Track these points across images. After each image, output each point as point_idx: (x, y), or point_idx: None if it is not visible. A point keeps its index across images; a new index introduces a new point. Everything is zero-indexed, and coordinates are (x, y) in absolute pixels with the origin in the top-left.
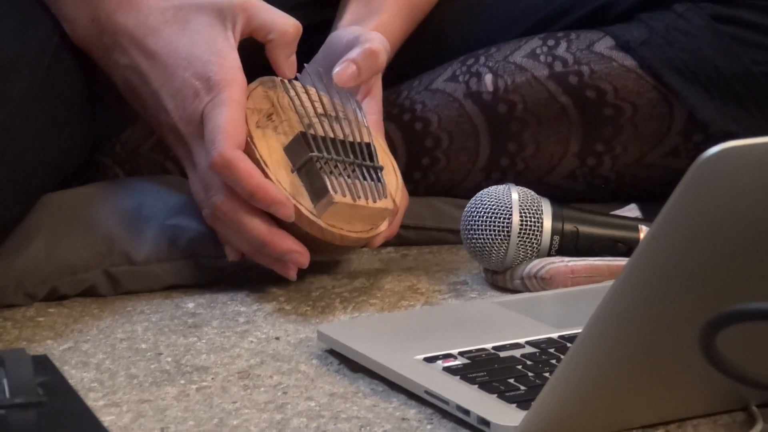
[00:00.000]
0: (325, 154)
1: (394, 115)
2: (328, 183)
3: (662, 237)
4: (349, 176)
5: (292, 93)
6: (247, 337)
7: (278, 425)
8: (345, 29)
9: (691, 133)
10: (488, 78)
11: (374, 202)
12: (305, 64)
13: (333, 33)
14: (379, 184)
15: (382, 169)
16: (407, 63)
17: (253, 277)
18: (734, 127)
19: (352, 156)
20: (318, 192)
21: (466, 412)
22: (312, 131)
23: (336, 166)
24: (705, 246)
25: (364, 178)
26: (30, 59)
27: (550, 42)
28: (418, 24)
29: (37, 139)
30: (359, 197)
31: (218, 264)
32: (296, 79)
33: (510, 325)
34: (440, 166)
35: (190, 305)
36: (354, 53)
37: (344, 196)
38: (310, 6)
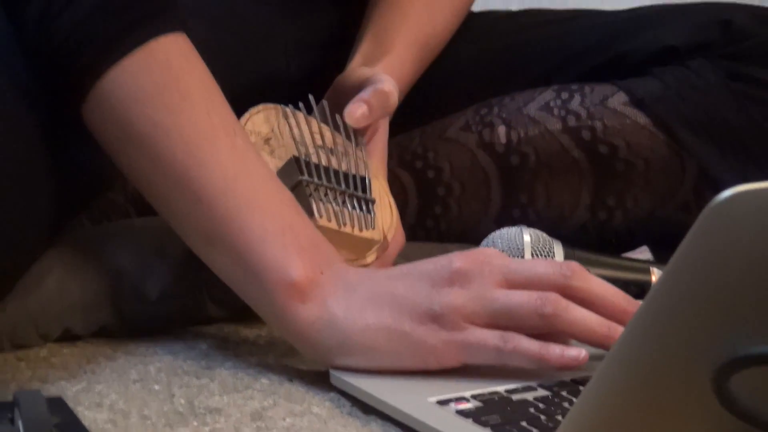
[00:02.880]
0: (315, 179)
1: (406, 162)
2: (314, 207)
3: (675, 280)
4: (338, 204)
5: (293, 121)
6: (259, 378)
7: None
8: (355, 70)
9: (703, 189)
10: (501, 129)
11: (360, 230)
12: (309, 95)
13: (343, 73)
14: (369, 215)
15: (373, 201)
16: (418, 105)
17: None
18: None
19: (344, 185)
20: None
21: None
22: (306, 157)
23: (326, 193)
24: (718, 289)
25: (354, 208)
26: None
27: (564, 95)
28: (430, 65)
29: (50, 180)
30: (345, 224)
31: (230, 301)
32: (299, 109)
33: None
34: (452, 215)
35: (203, 346)
36: (366, 93)
37: (329, 221)
38: (321, 46)
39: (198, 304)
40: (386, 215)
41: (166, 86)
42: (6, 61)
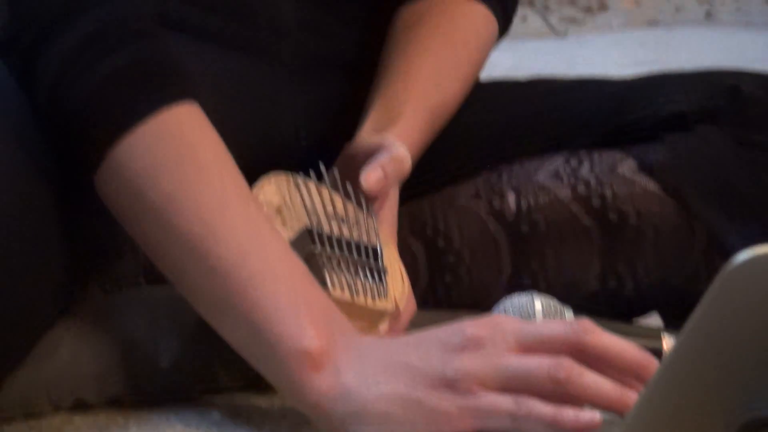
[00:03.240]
0: (328, 250)
1: (416, 230)
2: (328, 278)
3: (692, 341)
4: (350, 274)
5: (304, 191)
6: None
7: None
8: (366, 137)
9: (713, 257)
10: (511, 197)
11: (373, 301)
12: (320, 163)
13: (353, 140)
14: (381, 285)
15: (386, 271)
16: (428, 174)
17: None
18: None
19: (356, 255)
20: None
21: None
22: (318, 228)
23: (339, 264)
24: (736, 350)
25: (366, 278)
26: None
27: (573, 162)
28: (439, 134)
29: (61, 251)
30: (358, 295)
31: (243, 369)
32: (310, 178)
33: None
34: (463, 283)
35: (216, 415)
36: (382, 159)
37: (342, 292)
38: (331, 116)
39: (210, 372)
40: (398, 284)
41: (180, 157)
42: (18, 130)
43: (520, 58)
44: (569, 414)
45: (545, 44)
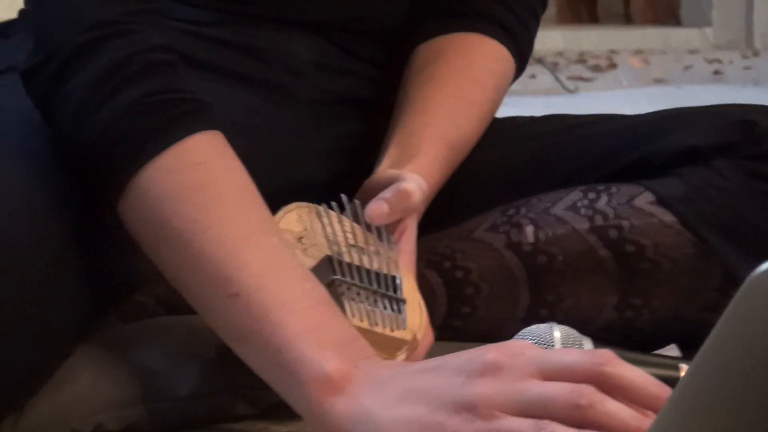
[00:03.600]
0: (348, 279)
1: (434, 262)
2: (347, 306)
3: (714, 356)
4: (369, 303)
5: (326, 221)
6: None
7: None
8: (383, 171)
9: (728, 289)
10: (529, 229)
11: (391, 331)
12: (342, 195)
13: (372, 175)
14: (400, 315)
15: (404, 302)
16: (445, 210)
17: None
18: None
19: (375, 285)
20: None
21: None
22: (339, 257)
23: (358, 293)
24: (757, 368)
25: (385, 308)
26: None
27: (591, 195)
28: (456, 170)
29: (80, 280)
30: (376, 324)
31: (260, 399)
32: (332, 208)
33: None
34: (480, 315)
35: None
36: (387, 193)
37: (361, 320)
38: (349, 152)
39: (227, 402)
40: (416, 315)
41: (203, 184)
42: (38, 161)
43: (531, 113)
44: None
45: (555, 100)
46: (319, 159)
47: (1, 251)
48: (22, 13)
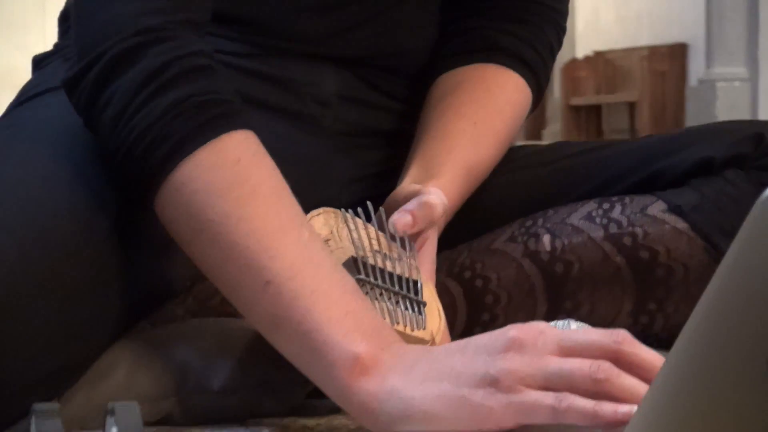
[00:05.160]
0: (371, 279)
1: (455, 273)
2: None
3: (731, 272)
4: (392, 303)
5: (351, 226)
6: None
7: None
8: (407, 186)
9: None
10: (546, 238)
11: (412, 330)
12: (368, 202)
13: (394, 191)
14: (420, 316)
15: (425, 304)
16: (464, 232)
17: (327, 407)
18: None
19: (397, 287)
20: None
21: None
22: (364, 259)
23: (381, 293)
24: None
25: (406, 308)
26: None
27: (606, 205)
28: (473, 194)
29: (118, 279)
30: (398, 323)
31: (289, 396)
32: (359, 216)
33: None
34: (499, 322)
35: None
36: (411, 204)
37: (384, 318)
38: (371, 179)
39: (257, 398)
40: (435, 319)
41: (237, 180)
42: (81, 167)
43: None
44: (608, 407)
45: None
46: (343, 184)
47: (45, 248)
48: (56, 45)
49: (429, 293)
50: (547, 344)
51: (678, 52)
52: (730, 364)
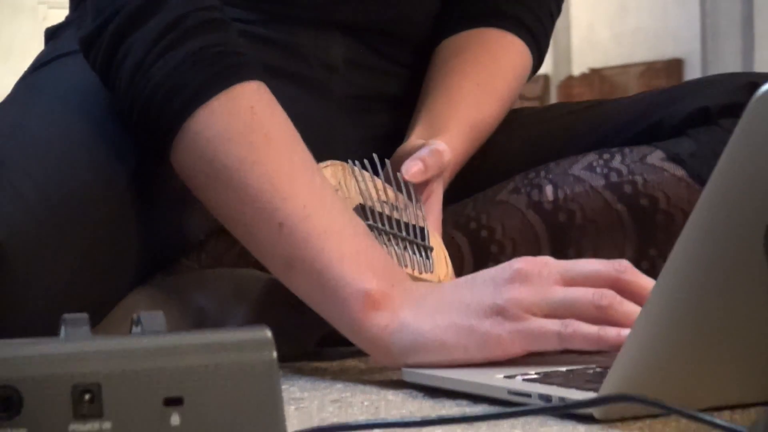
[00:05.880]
0: (379, 224)
1: (461, 225)
2: None
3: (731, 161)
4: (399, 248)
5: (359, 176)
6: (335, 384)
7: None
8: (413, 140)
9: None
10: (549, 189)
11: (419, 273)
12: (374, 155)
13: (401, 146)
14: (428, 260)
15: (432, 249)
16: (467, 185)
17: (338, 353)
18: None
19: (404, 233)
20: None
21: (548, 398)
22: (371, 206)
23: (389, 239)
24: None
25: (414, 253)
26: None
27: (606, 156)
28: (475, 155)
29: (136, 229)
30: (405, 266)
31: (303, 339)
32: (366, 168)
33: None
34: None
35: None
36: (422, 152)
37: (392, 259)
38: (377, 141)
39: (276, 339)
40: (442, 266)
41: (251, 127)
42: (99, 121)
43: None
44: (612, 331)
45: None
46: (350, 146)
47: (66, 197)
48: (67, 18)
49: (436, 242)
50: (551, 274)
51: (674, 68)
52: (728, 254)
